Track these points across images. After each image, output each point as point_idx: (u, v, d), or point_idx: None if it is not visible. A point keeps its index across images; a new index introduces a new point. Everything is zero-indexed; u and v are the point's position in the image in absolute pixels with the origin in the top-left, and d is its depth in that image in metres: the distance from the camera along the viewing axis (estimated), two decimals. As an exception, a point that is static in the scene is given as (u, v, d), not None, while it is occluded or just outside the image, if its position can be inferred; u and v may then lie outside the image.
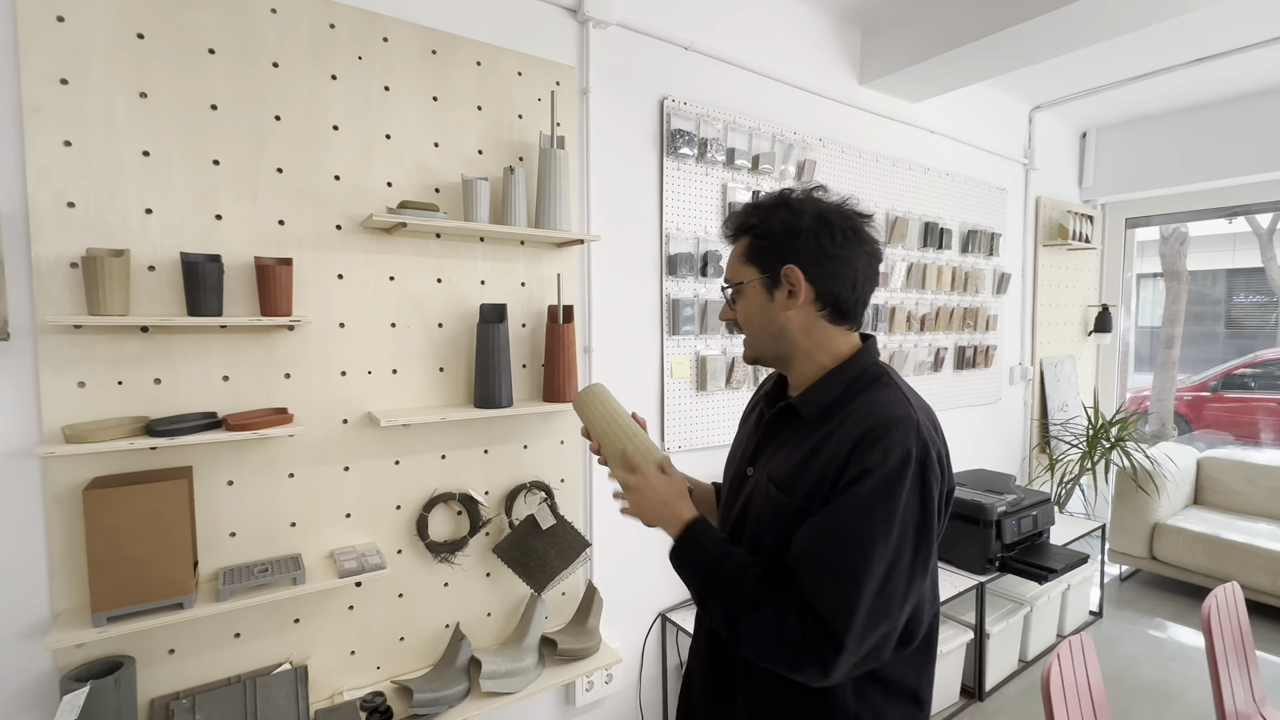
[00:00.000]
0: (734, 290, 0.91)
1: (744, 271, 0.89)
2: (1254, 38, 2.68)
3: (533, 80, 1.74)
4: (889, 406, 0.80)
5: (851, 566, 0.72)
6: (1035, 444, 3.72)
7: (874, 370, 0.86)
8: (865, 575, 0.72)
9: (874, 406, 0.80)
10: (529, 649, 1.68)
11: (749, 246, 0.89)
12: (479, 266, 1.68)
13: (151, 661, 1.31)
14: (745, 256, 0.89)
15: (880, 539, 0.73)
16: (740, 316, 0.91)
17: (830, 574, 0.73)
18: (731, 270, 0.92)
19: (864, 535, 0.73)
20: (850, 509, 0.74)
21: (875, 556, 0.72)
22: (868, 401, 0.82)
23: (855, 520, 0.74)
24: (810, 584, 0.75)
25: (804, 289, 0.84)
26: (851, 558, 0.73)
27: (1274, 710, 1.70)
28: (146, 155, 1.27)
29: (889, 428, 0.77)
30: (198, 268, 1.26)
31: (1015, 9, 2.10)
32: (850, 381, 0.85)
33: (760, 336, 0.90)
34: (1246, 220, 6.90)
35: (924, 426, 0.79)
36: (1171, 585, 3.41)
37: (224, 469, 1.37)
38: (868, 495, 0.74)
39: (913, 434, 0.76)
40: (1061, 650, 1.36)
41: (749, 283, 0.88)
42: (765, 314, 0.88)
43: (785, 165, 2.35)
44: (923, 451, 0.76)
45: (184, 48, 1.30)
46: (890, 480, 0.74)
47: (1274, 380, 6.22)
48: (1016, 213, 3.50)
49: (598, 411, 1.00)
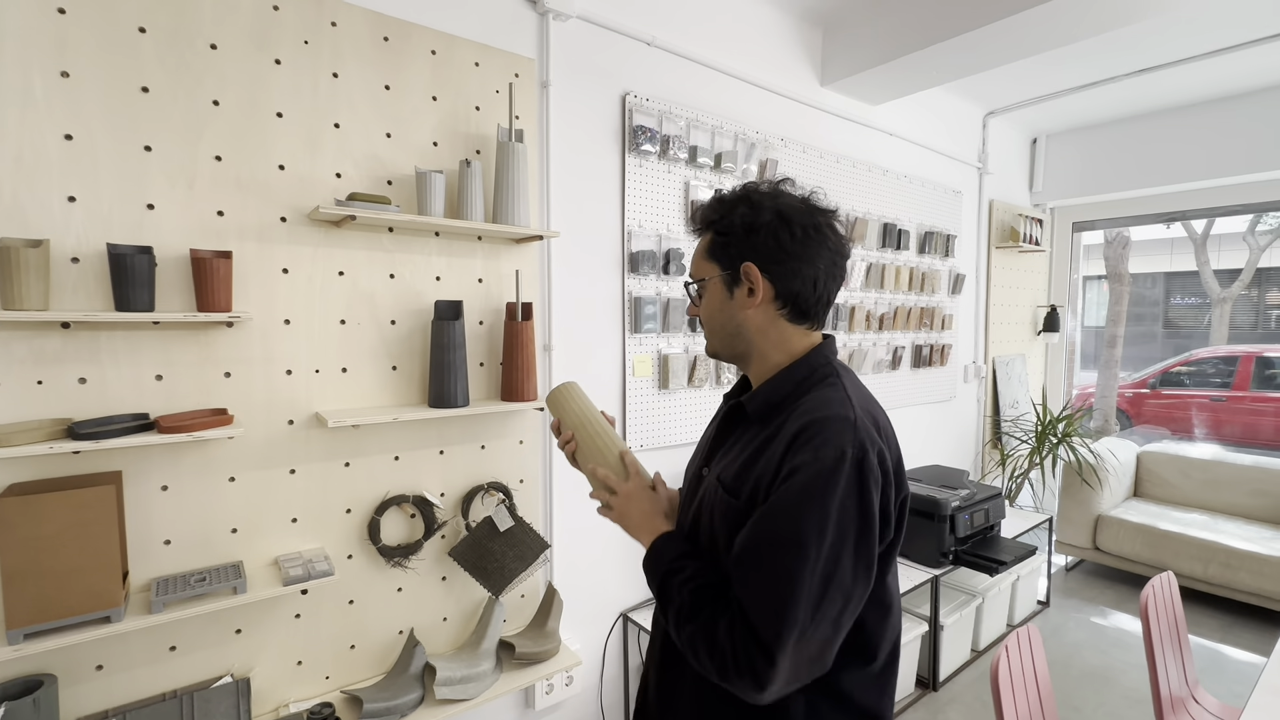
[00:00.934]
0: (697, 286, 0.91)
1: (706, 268, 0.88)
2: (1191, 50, 2.80)
3: (490, 71, 1.70)
4: (826, 405, 0.77)
5: (783, 571, 0.69)
6: (988, 440, 3.83)
7: (824, 369, 0.84)
8: (797, 581, 0.68)
9: (812, 404, 0.78)
10: (486, 653, 1.65)
11: (711, 242, 0.88)
12: (434, 262, 1.63)
13: (76, 679, 1.23)
14: (707, 253, 0.88)
15: (812, 542, 0.69)
16: (702, 313, 0.91)
17: (760, 579, 0.70)
18: (695, 266, 0.91)
19: (794, 538, 0.69)
20: (780, 511, 0.72)
21: (807, 561, 0.68)
22: (808, 400, 0.80)
23: (785, 523, 0.71)
24: (742, 590, 0.72)
25: (762, 287, 0.82)
26: (782, 562, 0.69)
27: (1205, 693, 1.78)
28: (69, 139, 1.19)
29: (822, 426, 0.74)
30: (126, 260, 1.18)
31: (969, 16, 2.15)
32: (800, 380, 0.83)
33: (719, 334, 0.89)
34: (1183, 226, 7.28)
35: (863, 426, 0.75)
36: (1114, 574, 3.57)
37: (157, 473, 1.30)
38: (797, 496, 0.71)
39: (848, 433, 0.73)
40: (1009, 642, 1.40)
41: (710, 279, 0.88)
42: (724, 311, 0.87)
43: (748, 164, 2.36)
44: (859, 452, 0.72)
45: (111, 25, 1.21)
46: (823, 479, 0.70)
47: (1207, 378, 6.57)
48: (971, 215, 3.60)
49: (575, 409, 0.98)
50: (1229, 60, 2.88)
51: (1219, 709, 1.72)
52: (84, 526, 1.13)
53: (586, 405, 1.00)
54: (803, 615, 0.68)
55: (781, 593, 0.68)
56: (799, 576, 0.68)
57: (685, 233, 2.18)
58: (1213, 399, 6.31)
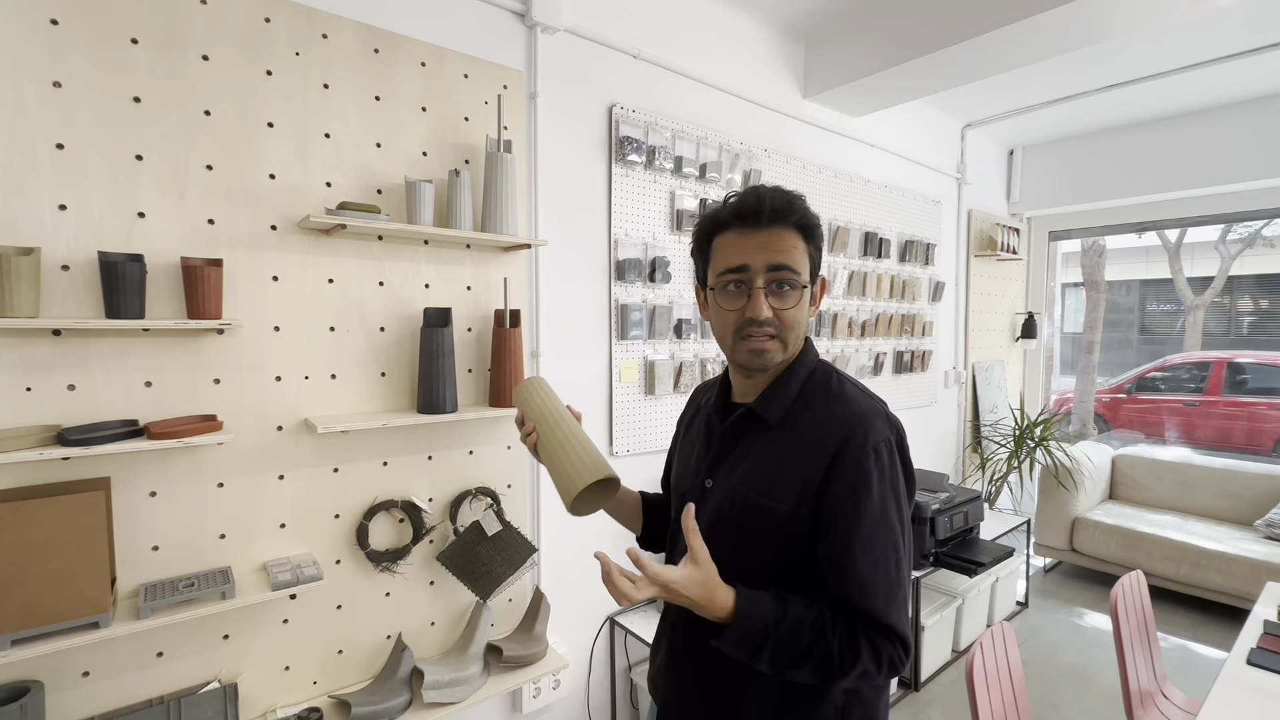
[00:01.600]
0: (798, 288, 0.84)
1: (806, 271, 0.85)
2: (1158, 67, 2.91)
3: (479, 83, 1.73)
4: (855, 402, 0.85)
5: (895, 566, 0.79)
6: (968, 444, 3.91)
7: (821, 368, 0.90)
8: (903, 568, 0.81)
9: (839, 405, 0.85)
10: (474, 657, 1.66)
11: (809, 247, 0.85)
12: (423, 270, 1.65)
13: (63, 685, 1.23)
14: (807, 255, 0.85)
15: (899, 530, 0.81)
16: (792, 317, 0.84)
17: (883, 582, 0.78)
18: (795, 260, 0.83)
19: (891, 533, 0.80)
20: (872, 521, 0.79)
21: (901, 547, 0.81)
22: (834, 401, 0.85)
23: (882, 525, 0.79)
24: (872, 601, 0.78)
25: (821, 300, 0.92)
26: (892, 557, 0.79)
27: (1173, 688, 1.84)
28: (60, 148, 1.20)
29: (868, 428, 0.81)
30: (117, 268, 1.19)
31: (944, 34, 2.22)
32: (803, 381, 0.88)
33: (798, 338, 0.88)
34: (1158, 235, 7.47)
35: (887, 411, 0.85)
36: (1090, 575, 3.65)
37: (146, 480, 1.30)
38: (879, 501, 0.79)
39: (885, 424, 0.82)
40: (984, 640, 1.44)
41: (809, 286, 0.86)
42: (806, 318, 0.87)
43: (732, 174, 2.40)
44: (898, 434, 0.83)
45: (103, 37, 1.23)
46: (890, 475, 0.81)
47: (1181, 383, 6.72)
48: (950, 225, 3.68)
49: (538, 401, 1.01)
50: (1194, 77, 2.99)
51: (1186, 703, 1.78)
52: (73, 532, 1.13)
53: (549, 399, 1.01)
54: (904, 584, 0.81)
55: (900, 585, 0.80)
56: (902, 565, 0.81)
57: (671, 241, 2.22)
58: (1186, 404, 6.46)
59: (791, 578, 0.83)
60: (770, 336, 0.84)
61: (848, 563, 0.78)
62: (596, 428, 2.08)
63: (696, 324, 2.28)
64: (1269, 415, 5.83)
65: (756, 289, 0.82)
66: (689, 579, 0.75)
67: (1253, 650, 1.56)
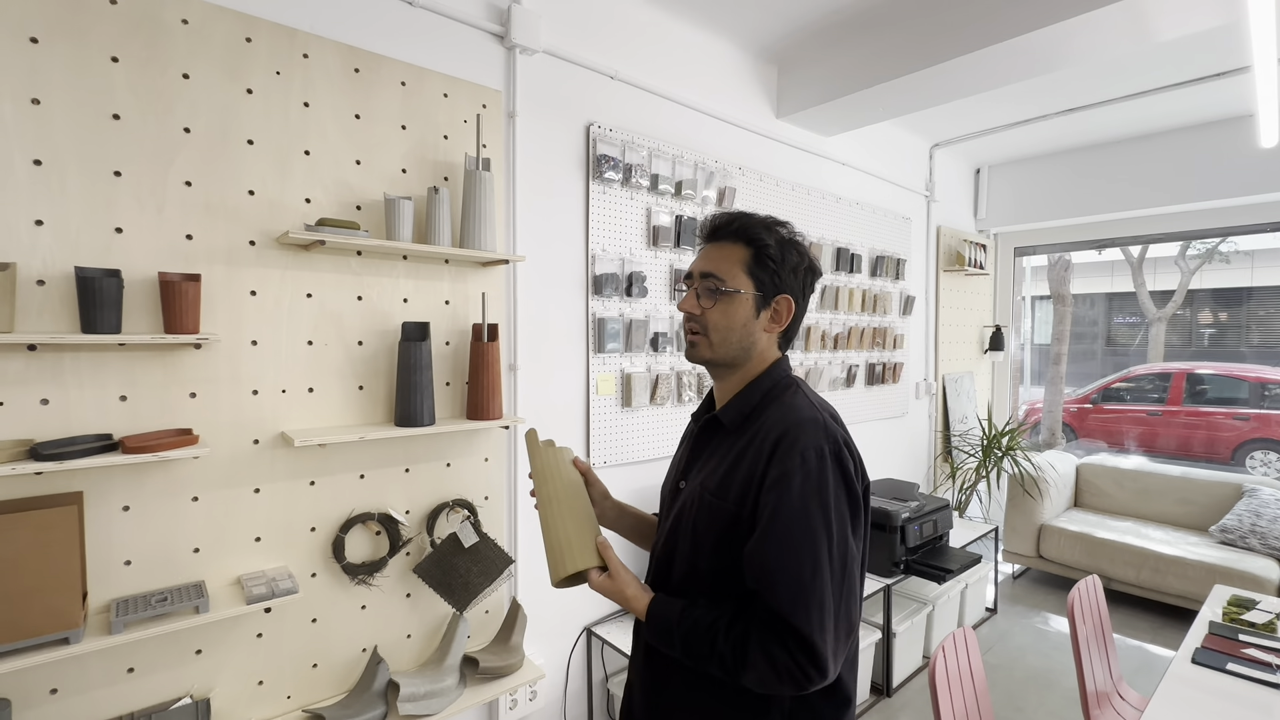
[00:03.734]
0: (721, 290, 0.92)
1: (740, 280, 0.92)
2: (1115, 92, 3.06)
3: (459, 102, 1.77)
4: (796, 410, 0.88)
5: (809, 569, 0.78)
6: (938, 453, 4.01)
7: (785, 380, 0.96)
8: (821, 573, 0.78)
9: (784, 412, 0.89)
10: (450, 669, 1.67)
11: (753, 259, 0.93)
12: (401, 285, 1.68)
13: (31, 703, 1.22)
14: (746, 267, 0.93)
15: (822, 536, 0.79)
16: (713, 318, 0.93)
17: (791, 584, 0.78)
18: (723, 270, 0.93)
19: (809, 538, 0.79)
20: (788, 517, 0.80)
21: (824, 552, 0.79)
22: (779, 408, 0.90)
23: (797, 527, 0.80)
24: (773, 596, 0.78)
25: (787, 320, 0.95)
26: (806, 562, 0.78)
27: (1129, 688, 1.92)
28: (38, 164, 1.21)
29: (799, 431, 0.84)
30: (94, 283, 1.20)
31: (911, 59, 2.32)
32: (766, 391, 0.94)
33: (730, 344, 0.93)
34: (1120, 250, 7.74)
35: (829, 423, 0.87)
36: (1056, 581, 3.75)
37: (119, 494, 1.30)
38: (798, 500, 0.80)
39: (820, 431, 0.85)
40: (945, 644, 1.50)
41: (744, 292, 0.92)
42: (745, 327, 0.93)
43: (707, 191, 2.47)
44: (834, 445, 0.84)
45: (83, 55, 1.25)
46: (814, 479, 0.81)
47: (1144, 393, 6.95)
48: (920, 240, 3.80)
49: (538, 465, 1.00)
50: (1147, 103, 3.15)
51: (1139, 702, 1.85)
52: (44, 547, 1.13)
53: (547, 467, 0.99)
54: (832, 600, 0.79)
55: (813, 589, 0.78)
56: (821, 569, 0.79)
57: (647, 256, 2.27)
58: (1149, 413, 6.67)
59: (731, 574, 0.87)
60: (695, 333, 0.95)
61: (758, 556, 0.81)
62: (574, 440, 2.11)
63: (672, 337, 2.33)
64: (1227, 425, 6.05)
65: (690, 290, 0.96)
66: (602, 584, 0.91)
67: (1197, 650, 1.64)
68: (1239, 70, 2.72)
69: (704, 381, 2.42)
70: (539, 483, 0.99)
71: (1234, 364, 6.63)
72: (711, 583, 0.89)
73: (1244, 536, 3.20)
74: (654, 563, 1.01)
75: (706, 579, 0.89)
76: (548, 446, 1.03)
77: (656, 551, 1.01)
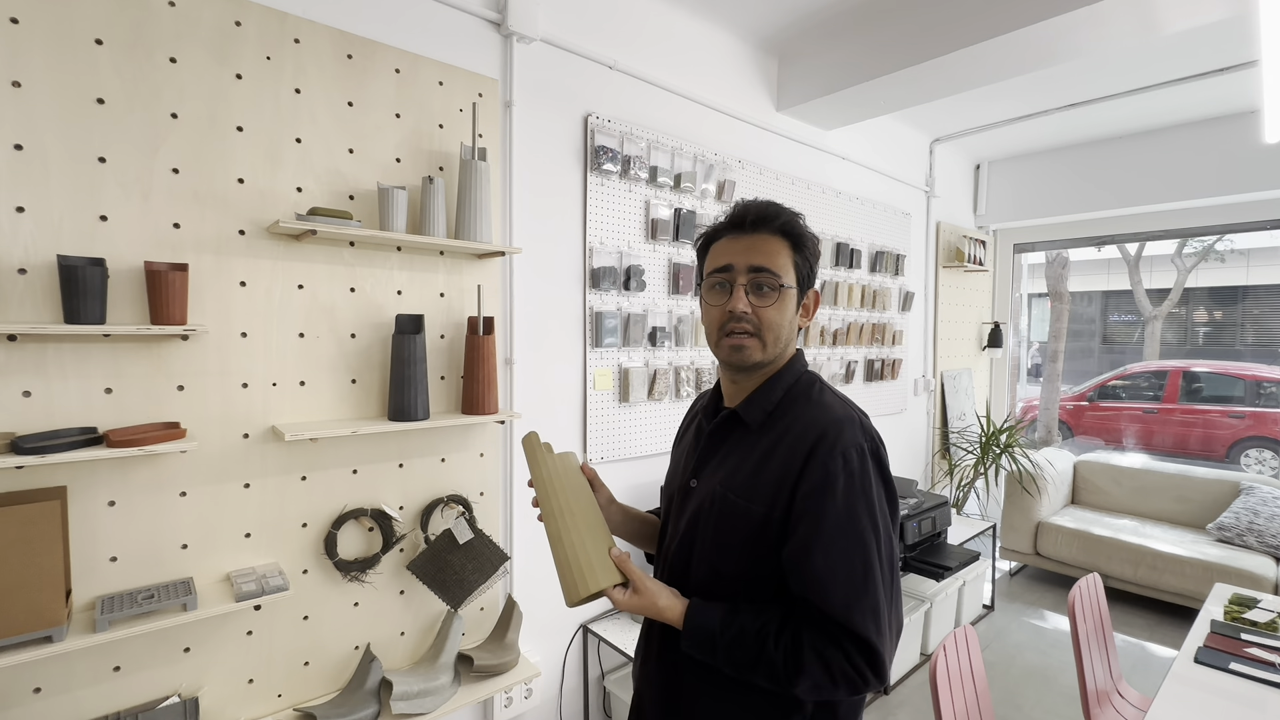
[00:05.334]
0: (780, 286, 0.88)
1: (790, 275, 0.89)
2: (1117, 88, 3.03)
3: (454, 91, 1.73)
4: (831, 409, 0.85)
5: (861, 571, 0.77)
6: (937, 450, 4.00)
7: (806, 377, 0.93)
8: (873, 575, 0.77)
9: (817, 411, 0.86)
10: (444, 667, 1.65)
11: (794, 255, 0.89)
12: (395, 276, 1.65)
13: (11, 703, 1.19)
14: (793, 262, 0.89)
15: (872, 536, 0.78)
16: (770, 316, 0.87)
17: (844, 587, 0.76)
18: (777, 264, 0.88)
19: (859, 539, 0.78)
20: (838, 520, 0.78)
21: (874, 554, 0.78)
22: (809, 407, 0.87)
23: (848, 529, 0.78)
24: (832, 605, 0.76)
25: (814, 314, 0.94)
26: (857, 564, 0.77)
27: (1128, 686, 1.91)
28: (19, 149, 1.17)
29: (839, 431, 0.82)
30: (77, 271, 1.17)
31: (911, 52, 2.29)
32: (788, 387, 0.91)
33: (779, 341, 0.89)
34: (1118, 248, 7.74)
35: (866, 422, 0.86)
36: (1053, 578, 3.75)
37: (104, 489, 1.27)
38: (845, 501, 0.78)
39: (859, 431, 0.83)
40: (946, 643, 1.48)
41: (790, 289, 0.89)
42: (792, 324, 0.91)
43: (706, 184, 2.44)
44: (873, 445, 0.83)
45: (66, 36, 1.21)
46: (859, 479, 0.79)
47: (1140, 391, 6.96)
48: (919, 236, 3.77)
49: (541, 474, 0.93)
50: (1148, 98, 3.12)
51: (1140, 701, 1.84)
52: (26, 543, 1.10)
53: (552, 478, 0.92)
54: (885, 602, 0.78)
55: (866, 591, 0.77)
56: (874, 571, 0.78)
57: (646, 250, 2.24)
58: (1145, 411, 6.69)
59: (760, 579, 0.84)
60: (748, 334, 0.87)
61: (806, 562, 0.78)
62: (571, 435, 2.08)
63: (671, 332, 2.30)
64: (1222, 422, 6.06)
65: (738, 285, 0.87)
66: (628, 602, 0.86)
67: (1200, 649, 1.62)
68: (1245, 65, 2.70)
69: (703, 377, 2.40)
70: (546, 495, 0.92)
71: (1230, 362, 6.64)
72: (738, 587, 0.85)
73: (1241, 534, 3.19)
74: (666, 565, 0.97)
75: (731, 582, 0.86)
76: (548, 452, 0.95)
77: (669, 553, 0.96)
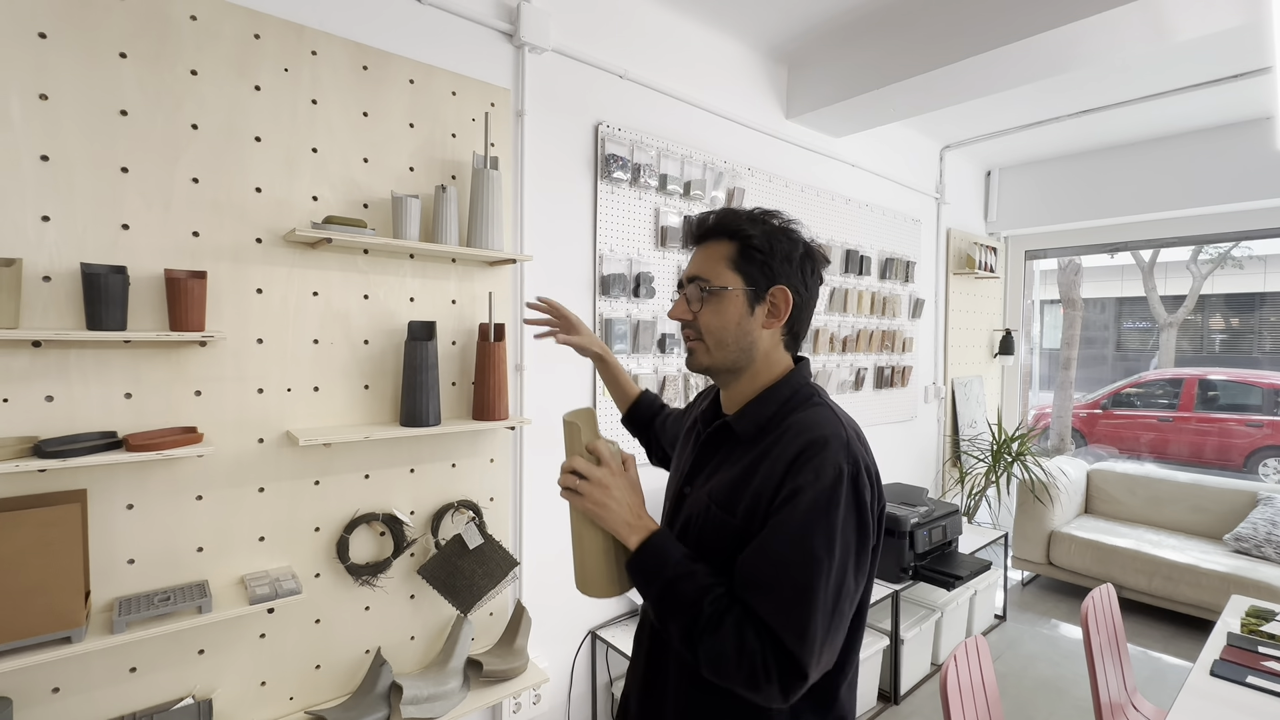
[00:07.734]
0: (708, 292, 0.87)
1: (728, 277, 0.87)
2: (1129, 95, 3.02)
3: (467, 100, 1.76)
4: (820, 425, 0.81)
5: (803, 587, 0.73)
6: (947, 458, 3.97)
7: (805, 390, 0.89)
8: (815, 596, 0.72)
9: (806, 425, 0.82)
10: (454, 671, 1.65)
11: (738, 254, 0.87)
12: (408, 283, 1.67)
13: (31, 702, 1.21)
14: (732, 263, 0.87)
15: (824, 557, 0.73)
16: (706, 320, 0.88)
17: (779, 597, 0.73)
18: (708, 270, 0.88)
19: (808, 556, 0.73)
20: (791, 530, 0.75)
21: (821, 576, 0.73)
22: (800, 420, 0.83)
23: (798, 542, 0.74)
24: (760, 606, 0.74)
25: (786, 313, 0.88)
26: (800, 579, 0.73)
27: (1143, 699, 1.88)
28: (45, 160, 1.20)
29: (821, 446, 0.78)
30: (100, 279, 1.19)
31: (921, 60, 2.30)
32: (784, 401, 0.87)
33: (728, 346, 0.88)
34: (1132, 254, 7.67)
35: (854, 443, 0.81)
36: (1066, 589, 3.70)
37: (123, 492, 1.30)
38: (805, 515, 0.75)
39: (843, 451, 0.78)
40: (958, 653, 1.47)
41: (732, 290, 0.87)
42: (741, 325, 0.87)
43: (715, 192, 2.45)
44: (854, 468, 0.78)
45: (92, 51, 1.24)
46: (826, 498, 0.75)
47: (1154, 399, 6.87)
48: (929, 243, 3.76)
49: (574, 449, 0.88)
50: (1162, 104, 3.11)
51: (1154, 714, 1.81)
52: (47, 545, 1.12)
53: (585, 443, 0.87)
54: (821, 627, 0.73)
55: (803, 608, 0.72)
56: (815, 591, 0.73)
57: (655, 257, 2.25)
58: (1160, 419, 6.60)
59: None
60: (692, 339, 0.92)
61: (747, 565, 0.77)
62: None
63: (680, 339, 2.31)
64: (1239, 431, 5.97)
65: (681, 295, 0.93)
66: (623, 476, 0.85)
67: (1216, 661, 1.60)
68: (1258, 71, 2.68)
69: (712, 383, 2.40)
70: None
71: (1247, 370, 6.54)
72: None
73: (1259, 545, 3.14)
74: None
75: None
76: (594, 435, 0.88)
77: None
